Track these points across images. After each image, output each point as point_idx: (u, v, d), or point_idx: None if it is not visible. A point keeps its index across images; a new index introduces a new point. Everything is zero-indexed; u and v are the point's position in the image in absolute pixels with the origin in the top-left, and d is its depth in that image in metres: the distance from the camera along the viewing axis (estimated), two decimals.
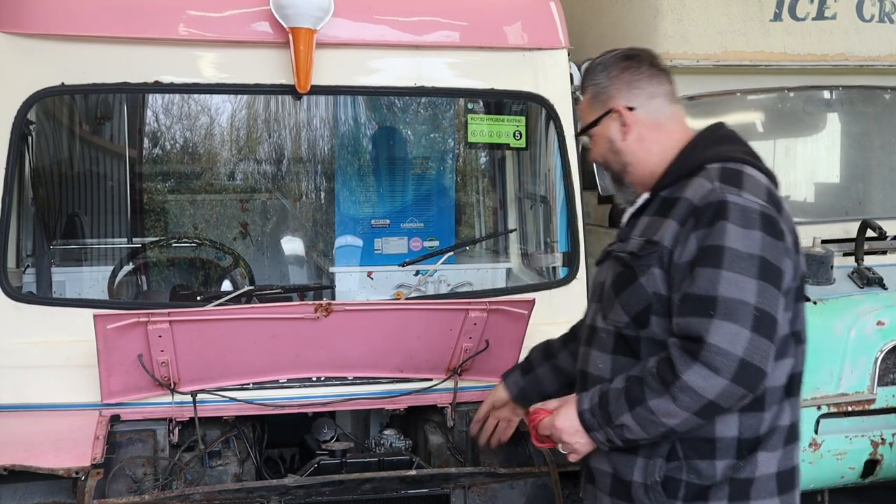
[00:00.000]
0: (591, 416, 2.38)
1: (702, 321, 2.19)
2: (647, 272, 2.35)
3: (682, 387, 2.20)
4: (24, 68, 3.26)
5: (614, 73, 2.53)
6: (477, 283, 4.25)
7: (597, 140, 2.58)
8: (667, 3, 4.58)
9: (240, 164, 5.02)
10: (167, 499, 2.81)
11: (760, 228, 2.25)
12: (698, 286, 2.22)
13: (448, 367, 3.38)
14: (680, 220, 2.32)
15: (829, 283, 4.36)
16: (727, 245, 2.22)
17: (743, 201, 2.27)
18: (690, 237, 2.28)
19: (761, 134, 5.33)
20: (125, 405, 3.16)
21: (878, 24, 4.88)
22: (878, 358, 4.10)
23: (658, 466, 2.34)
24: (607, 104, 2.53)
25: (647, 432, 2.28)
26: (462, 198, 4.61)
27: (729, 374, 2.16)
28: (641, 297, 2.36)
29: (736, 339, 2.16)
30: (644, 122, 2.50)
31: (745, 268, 2.20)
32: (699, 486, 2.32)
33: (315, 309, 3.06)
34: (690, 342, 2.21)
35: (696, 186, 2.34)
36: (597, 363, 2.49)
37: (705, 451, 2.32)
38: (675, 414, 2.23)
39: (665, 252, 2.32)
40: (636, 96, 2.51)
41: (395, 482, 2.99)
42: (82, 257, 4.43)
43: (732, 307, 2.18)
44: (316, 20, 3.28)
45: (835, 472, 4.13)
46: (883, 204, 5.28)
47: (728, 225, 2.23)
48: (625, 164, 2.53)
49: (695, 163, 2.41)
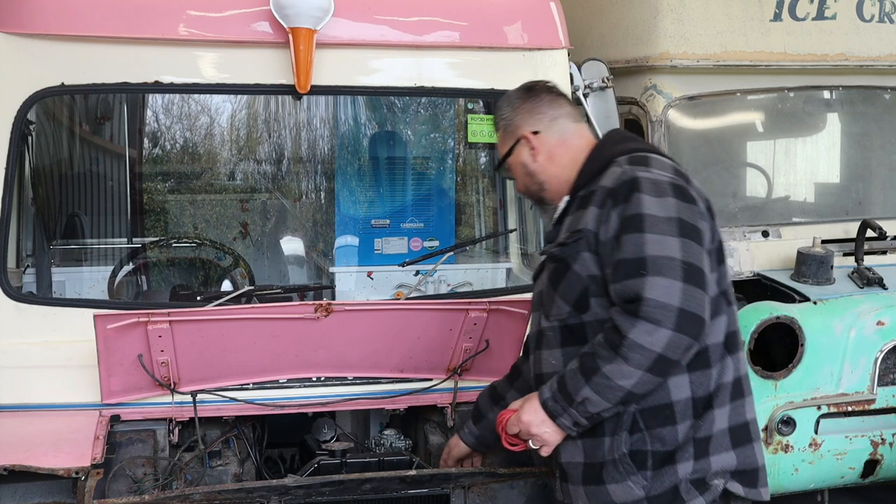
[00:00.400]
0: (554, 402, 2.47)
1: (636, 281, 2.31)
2: (577, 258, 2.49)
3: (630, 345, 2.30)
4: (24, 68, 3.26)
5: (517, 105, 2.75)
6: (477, 283, 4.25)
7: (514, 169, 2.77)
8: (667, 3, 4.58)
9: (240, 164, 5.02)
10: (167, 499, 2.81)
11: (672, 195, 2.41)
12: (626, 251, 2.36)
13: (448, 367, 3.39)
14: (599, 204, 2.48)
15: (829, 283, 4.37)
16: (645, 212, 2.38)
17: (652, 175, 2.44)
18: (612, 214, 2.43)
19: (761, 134, 5.33)
20: (125, 405, 3.16)
21: (878, 24, 4.88)
22: (878, 358, 4.09)
23: (623, 440, 2.45)
24: (516, 134, 2.73)
25: (607, 400, 2.38)
26: (462, 198, 4.61)
27: (671, 324, 2.27)
28: (577, 282, 2.49)
29: (670, 291, 2.28)
30: (550, 141, 2.70)
31: (665, 229, 2.36)
32: (665, 453, 2.44)
33: (315, 309, 3.06)
34: (629, 304, 2.33)
35: (609, 174, 2.52)
36: (549, 361, 2.60)
37: (665, 418, 2.44)
38: (629, 374, 2.33)
39: (591, 235, 2.47)
40: (538, 121, 2.71)
41: (395, 482, 2.98)
42: (82, 257, 4.43)
43: (661, 263, 2.31)
44: (316, 20, 3.28)
45: (835, 472, 4.13)
46: (883, 204, 5.28)
47: (643, 196, 2.40)
48: (541, 184, 2.72)
49: (604, 161, 2.59)
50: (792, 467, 4.04)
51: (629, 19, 4.77)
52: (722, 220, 4.63)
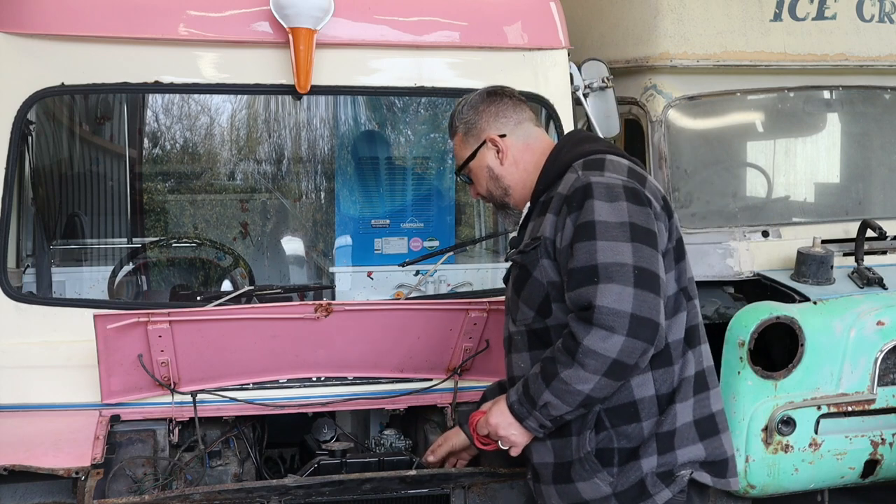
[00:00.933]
0: (520, 405, 2.52)
1: (588, 289, 2.36)
2: (537, 265, 2.53)
3: (585, 351, 2.35)
4: (24, 68, 3.26)
5: (480, 108, 2.74)
6: (477, 283, 4.25)
7: (477, 173, 2.77)
8: (667, 3, 4.57)
9: (240, 164, 5.03)
10: (167, 499, 2.81)
11: (625, 199, 2.44)
12: (579, 259, 2.40)
13: (448, 367, 3.39)
14: (555, 211, 2.52)
15: (829, 283, 4.36)
16: (597, 219, 2.41)
17: (605, 179, 2.47)
18: (566, 222, 2.46)
19: (761, 134, 5.33)
20: (125, 405, 3.16)
21: (878, 24, 4.88)
22: (878, 358, 4.09)
23: (588, 438, 2.49)
24: (480, 136, 2.73)
25: (567, 404, 2.42)
26: (462, 198, 4.61)
27: (624, 330, 2.31)
28: (538, 289, 2.53)
29: (622, 297, 2.32)
30: (516, 145, 2.71)
31: (616, 234, 2.40)
32: (629, 450, 2.49)
33: (315, 309, 3.06)
34: (583, 311, 2.38)
35: (565, 182, 2.55)
36: (519, 364, 2.64)
37: (630, 416, 2.48)
38: (586, 379, 2.37)
39: (548, 242, 2.50)
40: (504, 125, 2.73)
41: (395, 482, 2.99)
42: (82, 257, 4.43)
43: (612, 270, 2.35)
44: (316, 20, 3.28)
45: (835, 472, 4.13)
46: (883, 204, 5.27)
47: (595, 202, 2.42)
48: (506, 189, 2.74)
49: (562, 165, 2.61)
50: (792, 467, 4.04)
51: (629, 19, 4.76)
52: (722, 220, 4.72)
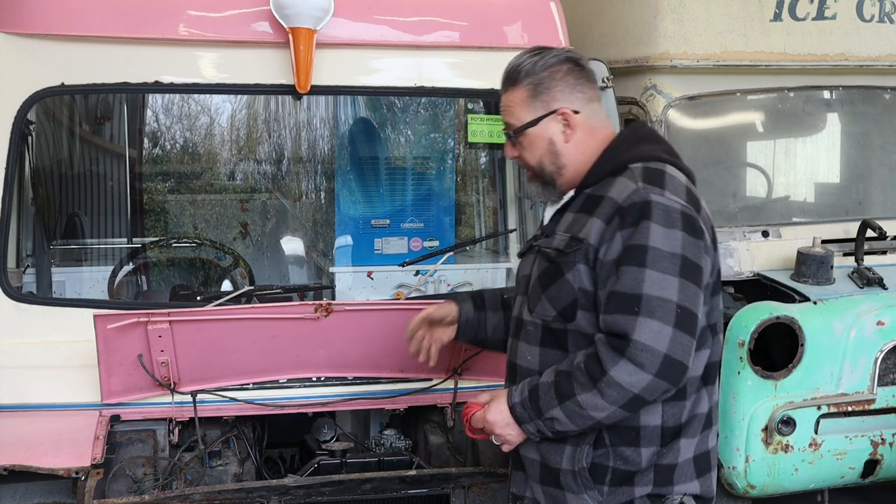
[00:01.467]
0: (522, 410, 2.45)
1: (627, 318, 2.27)
2: (572, 268, 2.42)
3: (609, 382, 2.28)
4: (24, 68, 3.26)
5: (559, 75, 2.50)
6: (477, 283, 4.25)
7: (533, 141, 2.53)
8: (667, 3, 4.57)
9: (240, 164, 5.02)
10: (167, 499, 2.82)
11: (681, 228, 2.33)
12: (623, 284, 2.30)
13: (448, 367, 3.38)
14: (605, 218, 2.38)
15: (829, 283, 4.36)
16: (651, 244, 2.30)
17: (665, 201, 2.34)
18: (616, 236, 2.35)
19: (761, 134, 5.33)
20: (125, 405, 3.16)
21: (878, 24, 4.88)
22: (878, 358, 4.09)
23: (585, 454, 2.43)
24: (550, 104, 2.50)
25: (575, 425, 2.37)
26: (462, 198, 4.61)
27: (653, 369, 2.25)
28: (568, 292, 2.43)
29: (659, 336, 2.25)
30: (583, 125, 2.52)
31: (667, 266, 2.28)
32: (625, 472, 2.43)
33: (315, 309, 3.06)
34: (617, 339, 2.29)
35: (620, 186, 2.40)
36: (525, 355, 2.56)
37: (630, 439, 2.42)
38: (602, 408, 2.32)
39: (591, 249, 2.39)
40: (579, 99, 2.51)
41: (395, 482, 2.99)
42: (82, 257, 4.43)
43: (656, 305, 2.26)
44: (316, 20, 3.28)
45: (835, 472, 4.13)
46: (883, 204, 5.28)
47: (651, 224, 2.31)
48: (560, 167, 2.53)
49: (618, 162, 2.47)
50: (792, 467, 4.04)
51: (629, 19, 4.76)
52: (722, 220, 4.72)
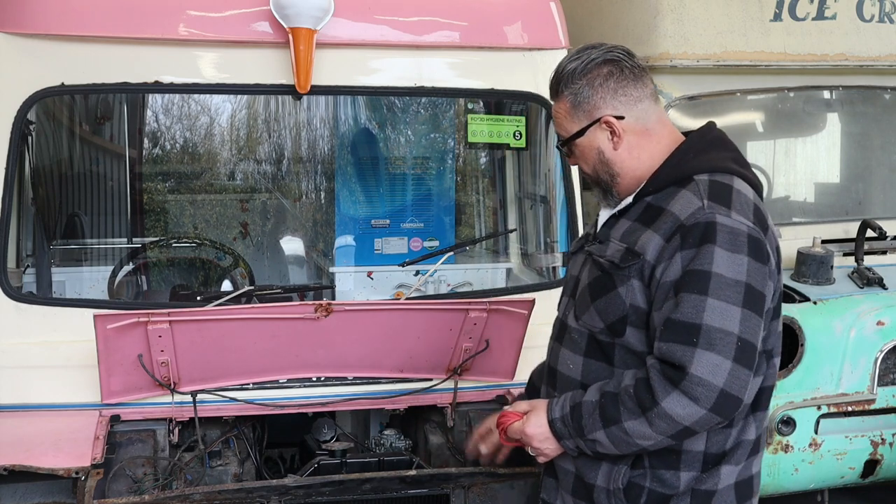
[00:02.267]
0: (563, 426, 2.38)
1: (685, 349, 2.17)
2: (626, 283, 2.31)
3: (660, 413, 2.19)
4: (24, 68, 3.26)
5: (598, 81, 2.38)
6: (477, 283, 4.25)
7: (584, 151, 2.44)
8: (667, 3, 4.57)
9: (240, 164, 5.03)
10: (167, 499, 2.81)
11: (747, 253, 2.21)
12: (682, 312, 2.19)
13: (448, 367, 3.39)
14: (665, 235, 2.27)
15: (829, 283, 4.36)
16: (714, 270, 2.18)
17: (731, 223, 2.22)
18: (676, 256, 2.23)
19: (761, 134, 5.33)
20: (125, 405, 3.16)
21: (878, 24, 4.88)
22: (878, 358, 4.10)
23: (623, 473, 2.35)
24: (593, 114, 2.39)
25: (618, 449, 2.30)
26: (462, 198, 4.61)
27: (708, 404, 2.15)
28: (619, 306, 2.33)
29: (717, 370, 2.14)
30: (633, 129, 2.39)
31: (730, 295, 2.17)
32: (661, 495, 2.34)
33: (315, 309, 3.06)
34: (672, 368, 2.18)
35: (683, 201, 2.28)
36: (567, 363, 2.48)
37: (670, 462, 2.33)
38: (649, 437, 2.23)
39: (647, 266, 2.28)
40: (622, 103, 2.38)
41: (395, 482, 2.98)
42: (82, 257, 4.43)
43: (716, 337, 2.16)
44: (316, 20, 3.28)
45: (835, 472, 4.13)
46: (883, 204, 5.28)
47: (715, 249, 2.19)
48: (614, 175, 2.42)
49: (683, 172, 2.34)
50: (792, 467, 4.04)
51: (629, 19, 4.76)
52: None
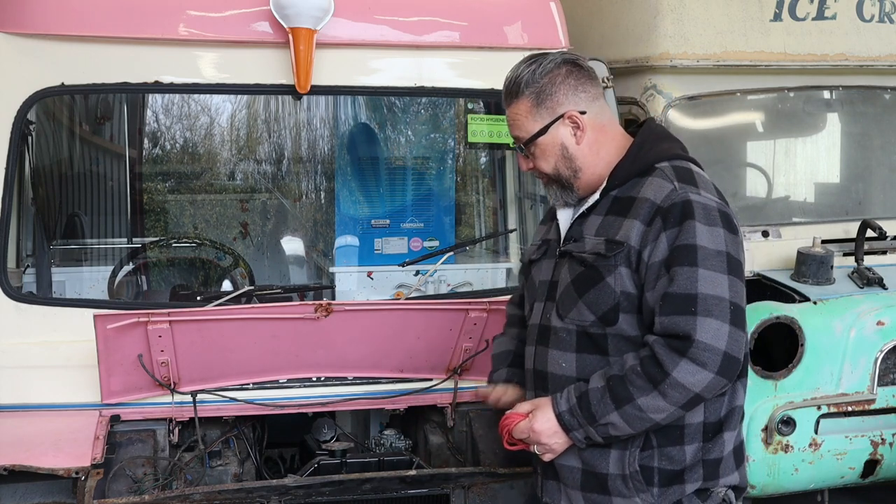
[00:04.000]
0: (571, 417, 2.42)
1: (686, 319, 2.28)
2: (614, 272, 2.40)
3: (672, 383, 2.28)
4: (24, 68, 3.26)
5: (557, 78, 2.47)
6: (477, 283, 4.25)
7: (545, 149, 2.51)
8: (667, 3, 4.57)
9: (240, 164, 5.03)
10: (167, 499, 2.81)
11: (722, 226, 2.35)
12: (678, 285, 2.30)
13: (448, 367, 3.39)
14: (644, 219, 2.37)
15: (829, 283, 4.36)
16: (699, 244, 2.31)
17: (703, 199, 2.37)
18: (661, 237, 2.35)
19: (761, 134, 5.33)
20: (125, 405, 3.16)
21: (878, 24, 4.87)
22: (878, 358, 4.09)
23: (635, 457, 2.42)
24: (556, 110, 2.48)
25: (633, 428, 2.36)
26: (462, 198, 4.61)
27: (715, 367, 2.27)
28: (609, 296, 2.41)
29: (719, 334, 2.27)
30: (592, 125, 2.50)
31: (715, 265, 2.31)
32: (672, 471, 2.43)
33: (315, 309, 3.06)
34: (676, 340, 2.29)
35: (654, 186, 2.40)
36: (559, 362, 2.52)
37: (675, 438, 2.43)
38: (663, 409, 2.32)
39: (633, 251, 2.38)
40: (583, 99, 2.49)
41: (395, 482, 2.98)
42: (82, 257, 4.43)
43: (711, 303, 2.28)
44: (316, 20, 3.28)
45: (835, 472, 4.13)
46: (883, 204, 5.28)
47: (696, 224, 2.32)
48: (576, 170, 2.51)
49: (644, 163, 2.47)
50: (792, 467, 4.04)
51: (629, 19, 4.76)
52: None
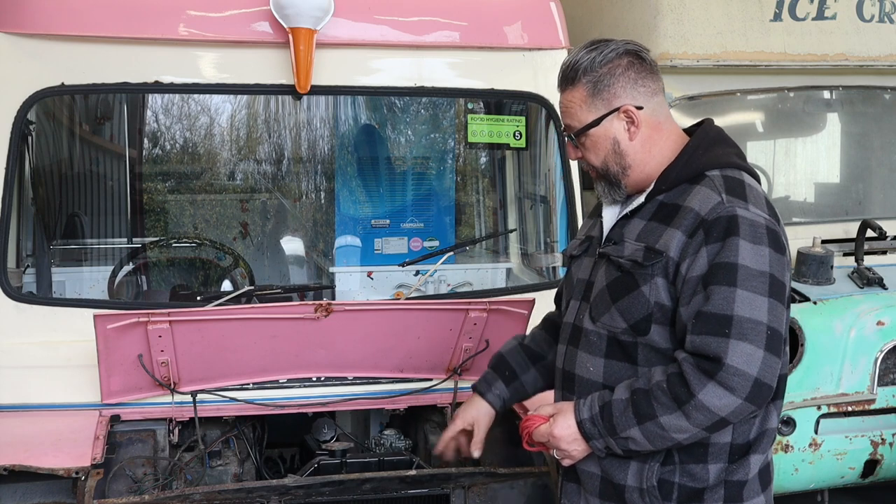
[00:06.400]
0: (592, 426, 2.36)
1: (719, 341, 2.20)
2: (650, 281, 2.32)
3: (697, 405, 2.21)
4: (24, 68, 3.26)
5: (619, 70, 2.38)
6: (477, 283, 4.25)
7: (597, 141, 2.43)
8: (667, 3, 4.58)
9: (240, 164, 5.03)
10: (167, 499, 2.81)
11: (768, 244, 2.26)
12: (714, 305, 2.22)
13: (448, 367, 3.39)
14: (687, 231, 2.29)
15: (829, 283, 4.37)
16: (740, 262, 2.22)
17: (751, 215, 2.26)
18: (701, 251, 2.26)
19: (761, 134, 5.33)
20: (125, 405, 3.16)
21: (878, 24, 4.88)
22: (878, 358, 4.10)
23: (655, 471, 2.35)
24: (612, 102, 2.39)
25: (653, 445, 2.30)
26: (462, 198, 4.61)
27: (744, 393, 2.18)
28: (643, 305, 2.34)
29: (751, 360, 2.18)
30: (648, 121, 2.41)
31: (756, 286, 2.21)
32: (692, 489, 2.35)
33: (315, 309, 3.06)
34: (706, 361, 2.20)
35: (701, 196, 2.31)
36: (587, 366, 2.46)
37: (698, 456, 2.35)
38: (685, 430, 2.25)
39: (671, 263, 2.29)
40: (641, 94, 2.40)
41: (395, 482, 2.98)
42: (82, 257, 4.43)
43: (748, 327, 2.19)
44: (316, 20, 3.28)
45: (835, 472, 4.13)
46: (883, 204, 5.28)
47: (740, 241, 2.23)
48: (626, 167, 2.43)
49: (694, 169, 2.37)
50: (792, 467, 4.05)
51: (629, 19, 4.77)
52: None
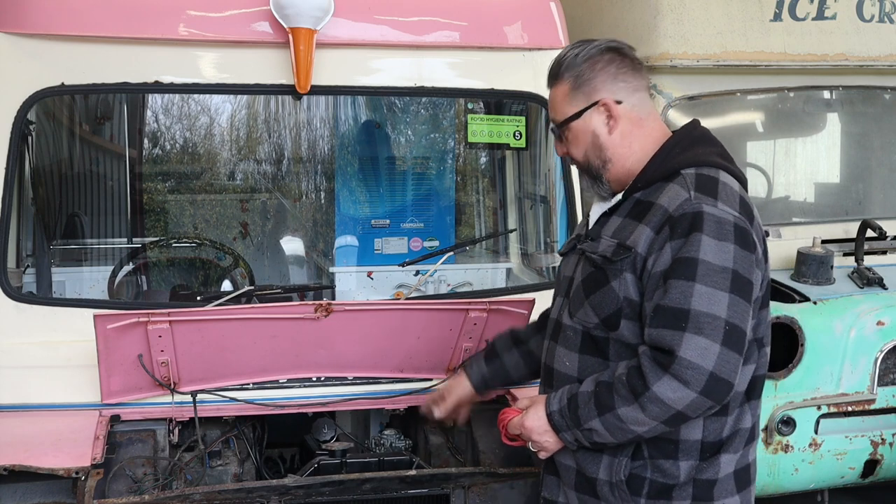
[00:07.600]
0: (560, 418, 2.41)
1: (674, 334, 2.22)
2: (619, 277, 2.35)
3: (651, 398, 2.23)
4: (24, 68, 3.26)
5: (599, 65, 2.44)
6: (477, 283, 4.25)
7: (577, 135, 2.49)
8: (667, 3, 4.58)
9: (240, 164, 5.03)
10: (167, 499, 2.81)
11: (734, 241, 2.26)
12: (671, 298, 2.24)
13: (448, 367, 3.39)
14: (654, 227, 2.32)
15: (829, 283, 4.36)
16: (701, 258, 2.23)
17: (718, 212, 2.27)
18: (665, 247, 2.28)
19: (761, 134, 5.33)
20: (125, 405, 3.16)
21: (878, 24, 4.88)
22: (878, 358, 4.10)
23: (623, 465, 2.39)
24: (591, 96, 2.44)
25: (614, 437, 2.33)
26: (462, 198, 4.61)
27: (698, 387, 2.19)
28: (612, 300, 2.37)
29: (706, 354, 2.19)
30: (628, 116, 2.45)
31: (717, 281, 2.22)
32: (663, 485, 2.38)
33: (315, 309, 3.06)
34: (662, 354, 2.23)
35: (671, 194, 2.33)
36: (563, 360, 2.51)
37: (669, 452, 2.37)
38: (643, 422, 2.27)
39: (639, 259, 2.33)
40: (621, 89, 2.44)
41: (395, 482, 2.98)
42: (82, 257, 4.43)
43: (704, 321, 2.20)
44: (316, 20, 3.28)
45: (835, 472, 4.14)
46: (883, 204, 5.28)
47: (703, 237, 2.24)
48: (606, 161, 2.47)
49: (670, 166, 2.39)
50: (792, 467, 4.05)
51: (629, 19, 4.76)
52: None
